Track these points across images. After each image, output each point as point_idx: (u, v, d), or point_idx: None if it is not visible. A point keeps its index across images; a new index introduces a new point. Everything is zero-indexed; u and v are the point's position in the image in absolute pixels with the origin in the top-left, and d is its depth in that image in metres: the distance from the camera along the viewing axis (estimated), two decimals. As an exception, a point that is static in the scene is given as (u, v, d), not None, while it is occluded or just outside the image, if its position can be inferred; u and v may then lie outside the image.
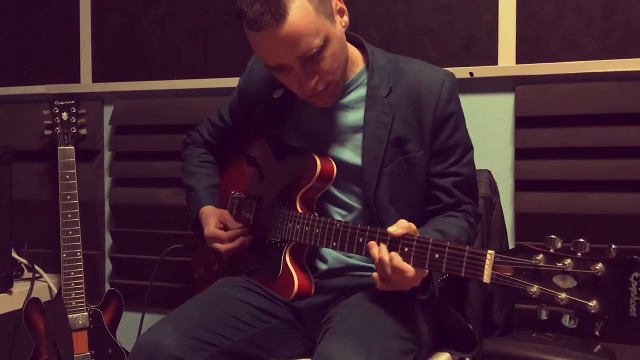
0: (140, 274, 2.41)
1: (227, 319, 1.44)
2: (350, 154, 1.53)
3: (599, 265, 1.04)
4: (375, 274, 1.33)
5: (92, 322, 2.17)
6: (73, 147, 2.23)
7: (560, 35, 1.96)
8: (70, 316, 2.13)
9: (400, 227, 1.30)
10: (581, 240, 1.07)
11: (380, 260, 1.30)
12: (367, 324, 1.34)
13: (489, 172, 1.92)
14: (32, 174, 2.56)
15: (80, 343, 2.15)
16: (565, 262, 1.07)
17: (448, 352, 1.54)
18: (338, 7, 1.43)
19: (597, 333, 1.06)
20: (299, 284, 1.51)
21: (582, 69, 1.91)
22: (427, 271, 1.31)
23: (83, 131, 2.30)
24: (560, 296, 1.07)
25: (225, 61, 2.33)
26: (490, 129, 2.04)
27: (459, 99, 1.54)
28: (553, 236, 1.10)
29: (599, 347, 1.77)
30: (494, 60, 2.02)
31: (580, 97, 1.92)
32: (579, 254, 1.07)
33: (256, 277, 1.61)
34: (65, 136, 2.24)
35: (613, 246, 1.05)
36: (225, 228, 1.67)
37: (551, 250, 1.09)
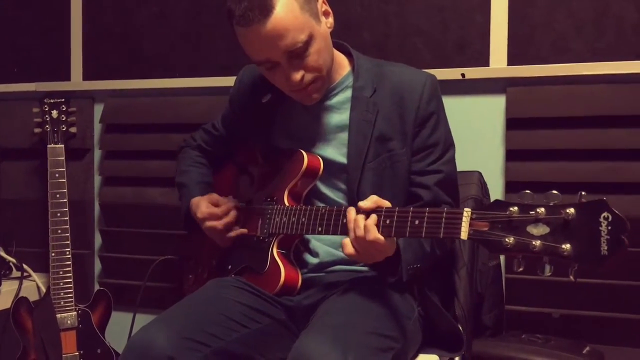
0: (130, 273, 2.40)
1: (219, 319, 1.44)
2: (336, 153, 1.59)
3: (570, 210, 1.07)
4: (346, 239, 1.34)
5: (81, 322, 2.16)
6: (63, 146, 2.22)
7: (551, 38, 1.97)
8: (58, 316, 2.12)
9: (370, 200, 1.33)
10: (554, 191, 1.11)
11: (356, 221, 1.31)
12: (346, 321, 1.34)
13: (480, 173, 1.93)
14: (21, 172, 2.54)
15: (69, 343, 2.13)
16: (538, 211, 1.10)
17: (435, 352, 1.54)
18: (323, 9, 1.51)
19: (571, 277, 1.08)
20: (285, 275, 1.52)
21: (573, 71, 1.92)
22: (395, 244, 1.34)
23: (73, 129, 2.28)
24: (534, 243, 1.09)
25: (216, 61, 2.32)
26: (481, 131, 2.04)
27: (440, 100, 1.60)
28: (527, 191, 1.13)
29: (587, 348, 1.78)
30: (485, 62, 2.03)
31: (571, 99, 1.93)
32: (552, 203, 1.10)
33: (245, 276, 1.61)
34: (55, 134, 2.23)
35: (583, 193, 1.09)
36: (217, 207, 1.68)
37: (525, 202, 1.12)
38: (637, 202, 1.86)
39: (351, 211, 1.34)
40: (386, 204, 1.33)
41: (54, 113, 2.25)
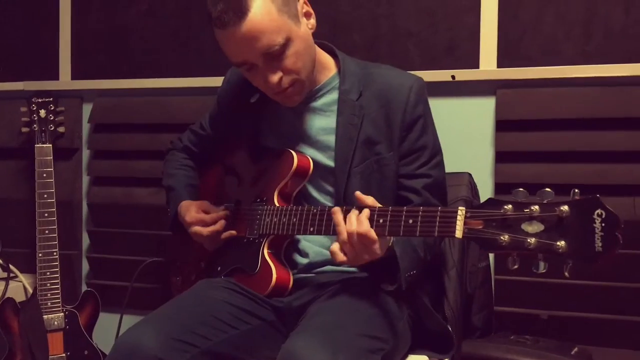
0: (117, 274, 2.39)
1: (208, 320, 1.43)
2: (322, 155, 1.58)
3: (564, 207, 1.08)
4: (335, 245, 1.32)
5: (68, 323, 2.14)
6: (51, 145, 2.20)
7: (541, 40, 1.98)
8: (45, 317, 2.10)
9: (368, 198, 1.33)
10: (547, 189, 1.12)
11: (349, 218, 1.29)
12: (336, 322, 1.34)
13: (470, 175, 1.93)
14: (8, 171, 2.53)
15: (56, 344, 2.12)
16: (532, 208, 1.11)
17: (425, 353, 1.54)
18: (304, 10, 1.49)
19: (566, 274, 1.09)
20: (276, 277, 1.51)
21: (562, 73, 1.93)
22: (386, 247, 1.33)
23: (61, 129, 2.26)
24: (529, 240, 1.10)
25: (205, 60, 2.32)
26: (471, 132, 2.05)
27: (427, 103, 1.59)
28: (521, 189, 1.14)
29: (576, 349, 1.78)
30: (475, 64, 2.03)
31: (561, 101, 1.94)
32: (546, 201, 1.11)
33: (235, 277, 1.61)
34: (43, 134, 2.21)
35: (576, 190, 1.10)
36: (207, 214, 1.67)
37: (519, 200, 1.13)
38: (627, 204, 1.87)
39: (337, 212, 1.33)
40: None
41: (42, 112, 2.23)
